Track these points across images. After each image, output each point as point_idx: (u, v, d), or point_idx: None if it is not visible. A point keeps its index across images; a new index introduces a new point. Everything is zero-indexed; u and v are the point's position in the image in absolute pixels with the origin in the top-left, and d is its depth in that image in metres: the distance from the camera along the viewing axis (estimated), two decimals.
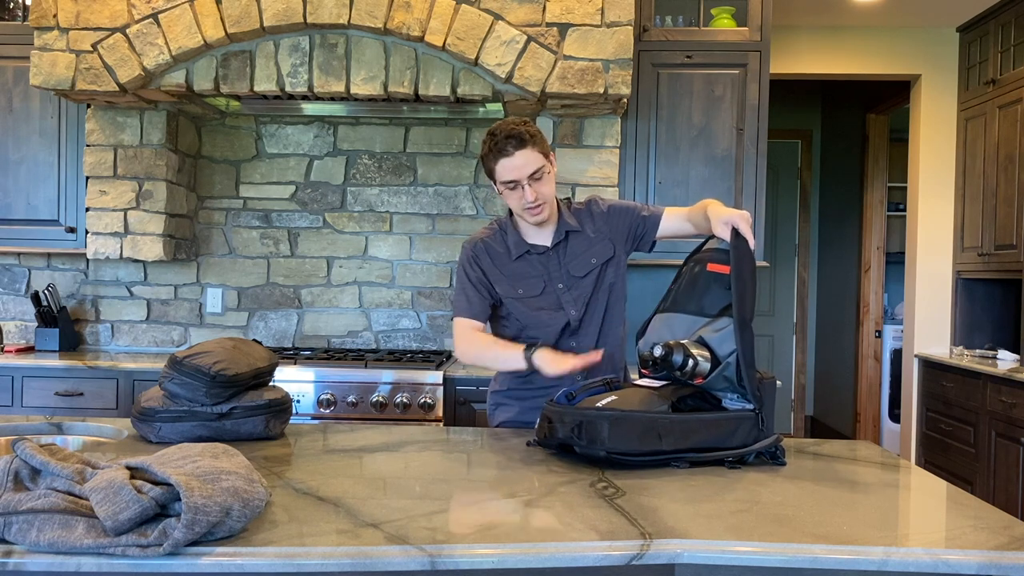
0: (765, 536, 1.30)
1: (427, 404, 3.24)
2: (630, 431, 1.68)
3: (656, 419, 1.71)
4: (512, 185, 2.08)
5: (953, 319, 4.81)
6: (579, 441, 1.70)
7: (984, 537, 1.32)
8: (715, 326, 1.82)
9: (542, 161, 2.08)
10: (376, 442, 1.97)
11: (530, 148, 2.05)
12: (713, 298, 1.87)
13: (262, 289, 3.98)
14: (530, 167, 2.06)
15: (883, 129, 5.96)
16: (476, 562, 1.21)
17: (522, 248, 2.20)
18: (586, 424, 1.69)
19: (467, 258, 2.22)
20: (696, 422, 1.74)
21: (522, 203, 2.09)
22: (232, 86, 3.26)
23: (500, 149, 2.05)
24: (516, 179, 2.07)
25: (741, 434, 1.77)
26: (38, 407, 3.39)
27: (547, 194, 2.11)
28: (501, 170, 2.07)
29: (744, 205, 3.58)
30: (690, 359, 1.77)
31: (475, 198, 3.92)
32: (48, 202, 3.68)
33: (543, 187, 2.09)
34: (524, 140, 2.05)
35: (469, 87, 3.24)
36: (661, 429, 1.70)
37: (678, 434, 1.72)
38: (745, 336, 1.78)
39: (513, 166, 2.05)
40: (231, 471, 1.25)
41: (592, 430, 1.68)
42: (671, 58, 3.60)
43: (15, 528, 1.15)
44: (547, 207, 2.12)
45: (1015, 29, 4.26)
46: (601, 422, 1.67)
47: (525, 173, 2.06)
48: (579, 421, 1.70)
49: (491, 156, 2.08)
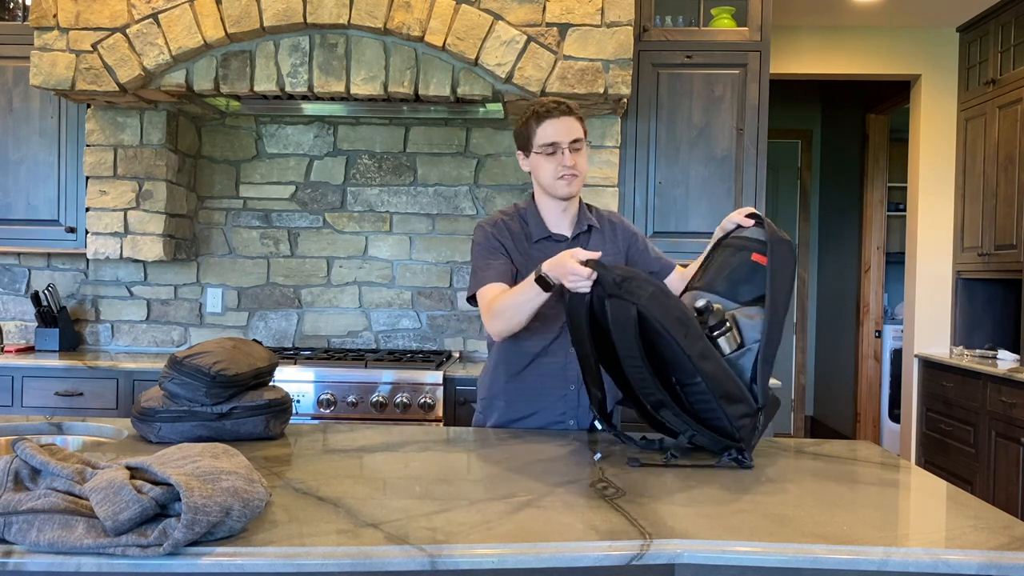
0: (765, 536, 1.30)
1: (427, 404, 3.24)
2: (667, 308, 1.68)
3: (692, 319, 1.72)
4: (551, 149, 2.08)
5: (953, 319, 4.81)
6: (618, 289, 1.68)
7: (984, 537, 1.32)
8: (747, 312, 1.84)
9: (582, 134, 2.11)
10: (376, 442, 1.97)
11: (574, 118, 2.09)
12: (749, 287, 1.88)
13: (262, 289, 3.98)
14: (572, 133, 2.08)
15: (883, 129, 5.96)
16: (476, 562, 1.21)
17: (543, 233, 2.17)
18: (633, 280, 1.70)
19: (486, 234, 2.15)
20: (716, 357, 1.73)
21: (559, 169, 2.08)
22: (232, 86, 3.26)
23: (546, 111, 2.07)
24: (557, 141, 2.07)
25: (739, 410, 1.74)
26: (38, 407, 3.39)
27: (583, 167, 2.13)
28: (543, 131, 2.07)
29: (744, 205, 3.58)
30: (725, 323, 1.77)
31: (475, 198, 3.92)
32: (48, 202, 3.68)
33: (580, 158, 2.11)
34: (570, 109, 2.09)
35: (469, 87, 3.24)
36: (691, 330, 1.69)
37: (700, 351, 1.68)
38: (772, 333, 1.80)
39: (556, 128, 2.07)
40: (231, 471, 1.25)
41: (636, 287, 1.68)
42: (671, 58, 3.60)
43: (15, 528, 1.15)
44: (580, 180, 2.13)
45: (1015, 29, 4.26)
46: (647, 285, 1.69)
47: (568, 137, 2.07)
48: (628, 276, 1.71)
49: (533, 119, 2.08)
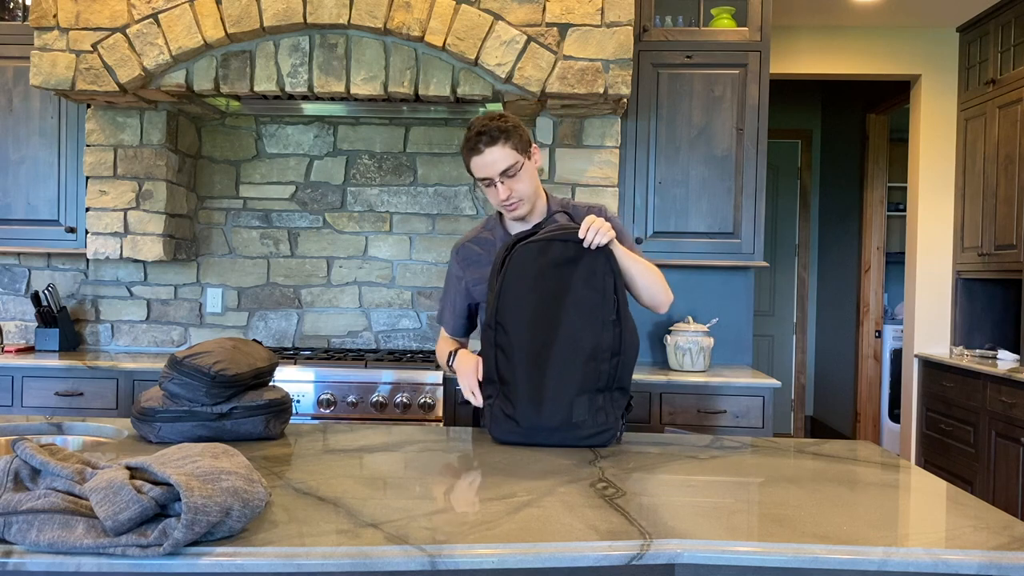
0: (765, 536, 1.30)
1: (427, 404, 3.24)
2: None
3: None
4: (487, 182, 2.06)
5: (953, 319, 4.81)
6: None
7: (984, 537, 1.32)
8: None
9: (516, 157, 2.02)
10: (376, 442, 1.97)
11: (501, 145, 1.99)
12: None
13: (262, 289, 3.98)
14: (501, 164, 2.01)
15: (883, 129, 5.96)
16: (476, 562, 1.21)
17: (510, 240, 2.19)
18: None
19: (451, 262, 2.30)
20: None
21: (498, 200, 2.08)
22: (232, 86, 3.26)
23: (472, 146, 2.01)
24: (488, 176, 2.03)
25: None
26: (38, 407, 3.39)
27: (522, 190, 2.06)
28: (474, 167, 2.04)
29: (744, 205, 3.59)
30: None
31: (475, 198, 3.92)
32: (48, 202, 3.68)
33: (517, 184, 2.04)
34: (495, 137, 1.98)
35: (469, 87, 3.24)
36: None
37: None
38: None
39: (484, 163, 2.01)
40: (231, 471, 1.25)
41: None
42: (671, 58, 3.60)
43: (15, 528, 1.15)
44: (525, 203, 2.09)
45: (1015, 29, 4.26)
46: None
47: (496, 171, 2.01)
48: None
49: (465, 152, 2.05)
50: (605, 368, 1.93)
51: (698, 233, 3.62)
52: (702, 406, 3.32)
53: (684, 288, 3.84)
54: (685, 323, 3.62)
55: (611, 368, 1.94)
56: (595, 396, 1.93)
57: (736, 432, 3.28)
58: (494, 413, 1.97)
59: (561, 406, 1.91)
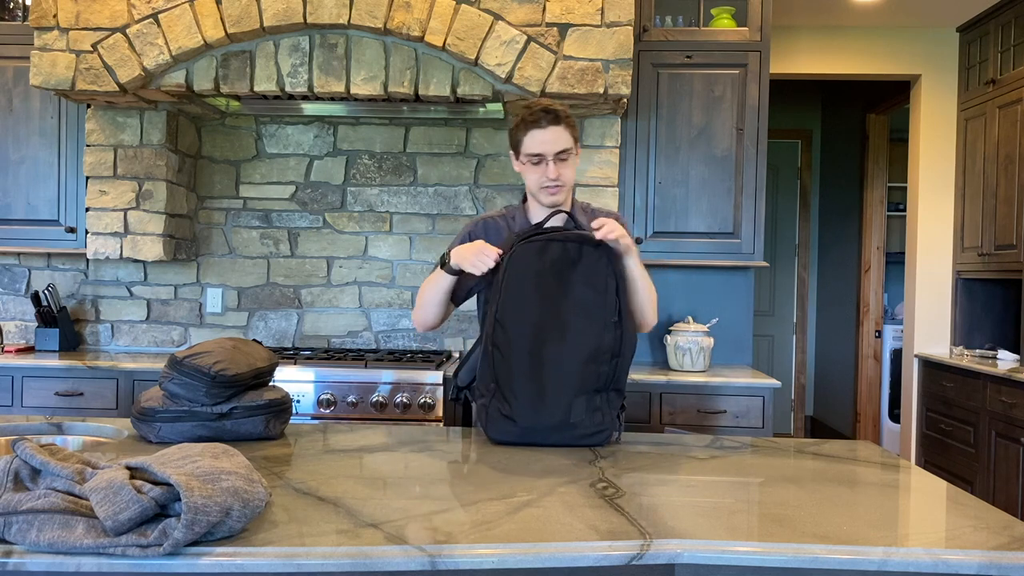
0: (765, 536, 1.30)
1: (427, 404, 3.24)
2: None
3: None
4: (537, 159, 2.07)
5: (953, 319, 4.81)
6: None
7: (984, 537, 1.32)
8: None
9: (571, 143, 2.08)
10: (376, 442, 1.97)
11: (563, 127, 2.06)
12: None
13: (262, 289, 3.98)
14: (559, 144, 2.06)
15: (883, 129, 5.96)
16: (476, 562, 1.21)
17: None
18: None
19: (464, 233, 2.22)
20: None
21: (542, 180, 2.08)
22: (232, 86, 3.26)
23: (534, 120, 2.05)
24: (542, 153, 2.06)
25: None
26: (38, 407, 3.39)
27: (568, 178, 2.11)
28: (530, 141, 2.06)
29: (744, 205, 3.59)
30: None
31: (475, 198, 3.92)
32: (48, 202, 3.68)
33: (566, 169, 2.09)
34: (560, 117, 2.06)
35: (469, 87, 3.24)
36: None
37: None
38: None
39: (544, 139, 2.05)
40: (231, 471, 1.25)
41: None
42: (671, 58, 3.60)
43: (15, 528, 1.15)
44: (565, 190, 2.12)
45: (1015, 29, 4.26)
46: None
47: (554, 149, 2.05)
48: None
49: (522, 126, 2.07)
50: (605, 369, 1.94)
51: (698, 233, 3.62)
52: (702, 406, 3.32)
53: (684, 288, 3.84)
54: (685, 323, 3.62)
55: (610, 369, 1.95)
56: (593, 397, 1.93)
57: (736, 432, 3.28)
58: (490, 414, 1.97)
59: (560, 406, 1.91)
